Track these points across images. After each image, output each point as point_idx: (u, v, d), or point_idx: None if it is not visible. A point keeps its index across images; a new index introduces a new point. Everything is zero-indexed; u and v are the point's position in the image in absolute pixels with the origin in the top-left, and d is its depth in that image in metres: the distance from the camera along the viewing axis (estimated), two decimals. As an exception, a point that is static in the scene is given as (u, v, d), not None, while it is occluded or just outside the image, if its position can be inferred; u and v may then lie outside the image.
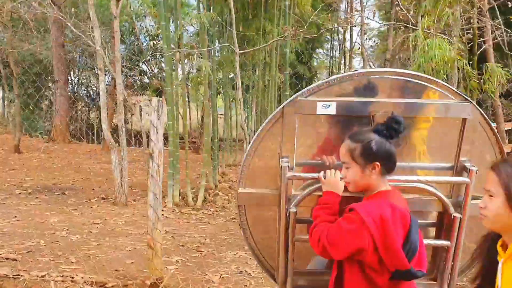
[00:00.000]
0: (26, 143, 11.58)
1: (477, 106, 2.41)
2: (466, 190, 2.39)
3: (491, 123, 2.52)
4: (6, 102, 16.20)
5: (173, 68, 6.88)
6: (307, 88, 2.43)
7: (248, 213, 2.58)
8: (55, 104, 12.72)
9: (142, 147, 12.12)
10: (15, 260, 4.01)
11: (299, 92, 2.41)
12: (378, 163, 1.98)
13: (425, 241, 2.25)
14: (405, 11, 6.43)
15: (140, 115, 15.47)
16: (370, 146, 1.97)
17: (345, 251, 1.93)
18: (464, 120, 2.41)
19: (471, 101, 2.42)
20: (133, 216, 5.83)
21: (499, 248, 1.62)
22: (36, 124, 14.14)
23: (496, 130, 2.54)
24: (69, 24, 7.49)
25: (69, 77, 15.23)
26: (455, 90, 2.47)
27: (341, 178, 2.11)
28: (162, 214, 6.06)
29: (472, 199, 2.43)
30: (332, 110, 2.35)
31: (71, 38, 12.64)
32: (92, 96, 15.58)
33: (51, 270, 3.83)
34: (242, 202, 2.53)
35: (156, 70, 16.22)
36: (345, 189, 2.15)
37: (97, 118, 15.19)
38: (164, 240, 4.54)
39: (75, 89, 15.80)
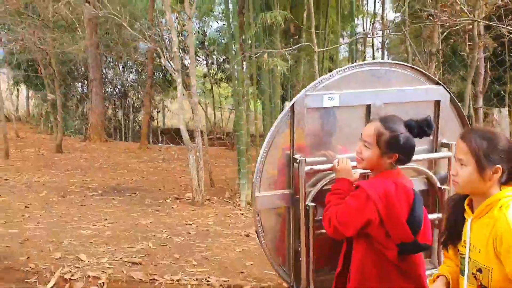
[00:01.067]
0: (63, 143, 11.58)
1: (447, 89, 2.69)
2: (449, 163, 2.67)
3: (459, 104, 2.77)
4: (32, 101, 16.12)
5: (242, 67, 6.89)
6: (313, 83, 2.55)
7: (262, 218, 2.59)
8: (89, 102, 12.70)
9: (177, 146, 12.18)
10: (140, 263, 4.06)
11: (306, 88, 2.52)
12: (397, 154, 2.06)
13: None
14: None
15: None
16: (398, 139, 2.04)
17: (354, 227, 2.04)
18: (438, 102, 2.69)
19: (443, 84, 2.71)
20: (218, 216, 5.87)
21: (466, 207, 1.78)
22: (69, 123, 14.10)
23: (463, 111, 2.83)
24: (124, 24, 7.47)
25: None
26: (429, 74, 2.75)
27: (357, 153, 2.19)
28: (242, 214, 6.15)
29: None
30: (336, 102, 2.50)
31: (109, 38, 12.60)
32: (119, 95, 15.53)
33: (181, 273, 3.89)
34: (260, 206, 2.55)
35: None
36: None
37: (125, 116, 15.20)
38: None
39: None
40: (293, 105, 2.46)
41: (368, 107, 2.58)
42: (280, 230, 2.64)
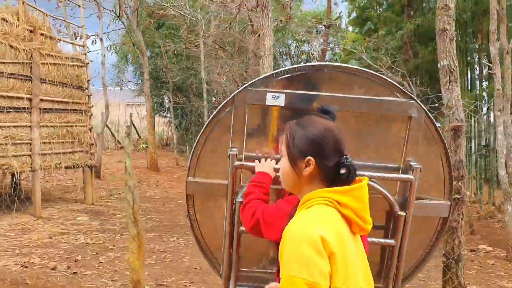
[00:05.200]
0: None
1: (422, 105, 2.39)
2: (410, 188, 2.33)
3: (435, 121, 2.47)
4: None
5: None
6: (257, 78, 2.43)
7: (196, 204, 2.59)
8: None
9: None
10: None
11: (250, 82, 2.42)
12: None
13: (370, 239, 2.22)
14: None
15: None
16: None
17: (278, 230, 1.84)
18: (410, 118, 2.38)
19: (416, 99, 2.40)
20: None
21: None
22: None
23: (439, 129, 2.51)
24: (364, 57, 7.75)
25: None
26: (401, 88, 2.43)
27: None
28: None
29: (418, 199, 2.40)
30: (281, 101, 2.34)
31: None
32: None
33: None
34: (190, 191, 2.55)
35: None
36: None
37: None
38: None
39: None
40: (233, 98, 2.40)
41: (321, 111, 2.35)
42: (215, 219, 2.60)
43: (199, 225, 2.61)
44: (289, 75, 2.40)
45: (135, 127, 21.64)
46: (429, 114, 2.42)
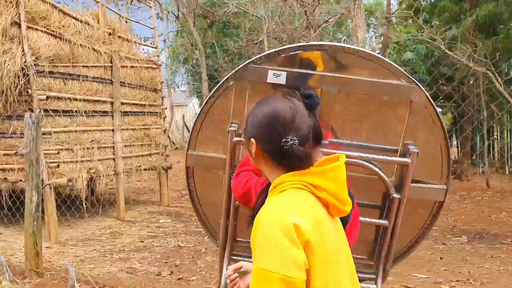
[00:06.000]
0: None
1: (423, 89, 2.36)
2: (406, 171, 2.34)
3: (435, 106, 2.45)
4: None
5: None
6: (259, 55, 2.43)
7: (196, 176, 2.67)
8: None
9: None
10: None
11: (252, 59, 2.42)
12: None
13: (363, 219, 2.30)
14: None
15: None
16: None
17: None
18: (411, 102, 2.37)
19: (418, 83, 2.37)
20: None
21: None
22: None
23: (440, 115, 2.49)
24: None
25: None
26: (403, 71, 2.40)
27: None
28: None
29: (414, 182, 2.41)
30: (282, 79, 2.33)
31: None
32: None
33: None
34: (190, 163, 2.63)
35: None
36: None
37: None
38: None
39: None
40: (235, 74, 2.42)
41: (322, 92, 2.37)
42: (214, 191, 2.65)
43: (198, 196, 2.70)
44: (292, 53, 2.39)
45: (187, 128, 21.83)
46: (430, 98, 2.42)
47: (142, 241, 6.24)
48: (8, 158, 6.14)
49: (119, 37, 7.68)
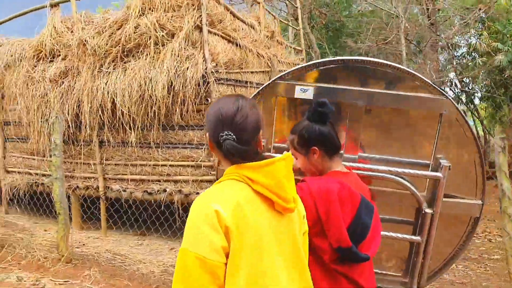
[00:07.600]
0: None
1: (454, 103, 2.33)
2: (438, 186, 2.31)
3: (468, 120, 2.41)
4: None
5: None
6: (286, 71, 2.43)
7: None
8: None
9: None
10: None
11: (278, 75, 2.44)
12: (315, 147, 2.03)
13: (395, 235, 2.37)
14: None
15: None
16: (302, 134, 2.04)
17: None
18: (441, 115, 2.36)
19: (448, 96, 2.34)
20: None
21: None
22: None
23: (473, 128, 2.42)
24: None
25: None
26: (433, 84, 2.36)
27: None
28: None
29: (448, 197, 2.38)
30: (309, 94, 2.37)
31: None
32: None
33: None
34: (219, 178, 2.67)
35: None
36: None
37: None
38: None
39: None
40: (262, 90, 2.45)
41: (350, 106, 2.40)
42: None
43: None
44: (320, 68, 2.40)
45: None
46: (461, 111, 2.37)
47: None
48: (182, 169, 5.84)
49: (277, 40, 7.26)
